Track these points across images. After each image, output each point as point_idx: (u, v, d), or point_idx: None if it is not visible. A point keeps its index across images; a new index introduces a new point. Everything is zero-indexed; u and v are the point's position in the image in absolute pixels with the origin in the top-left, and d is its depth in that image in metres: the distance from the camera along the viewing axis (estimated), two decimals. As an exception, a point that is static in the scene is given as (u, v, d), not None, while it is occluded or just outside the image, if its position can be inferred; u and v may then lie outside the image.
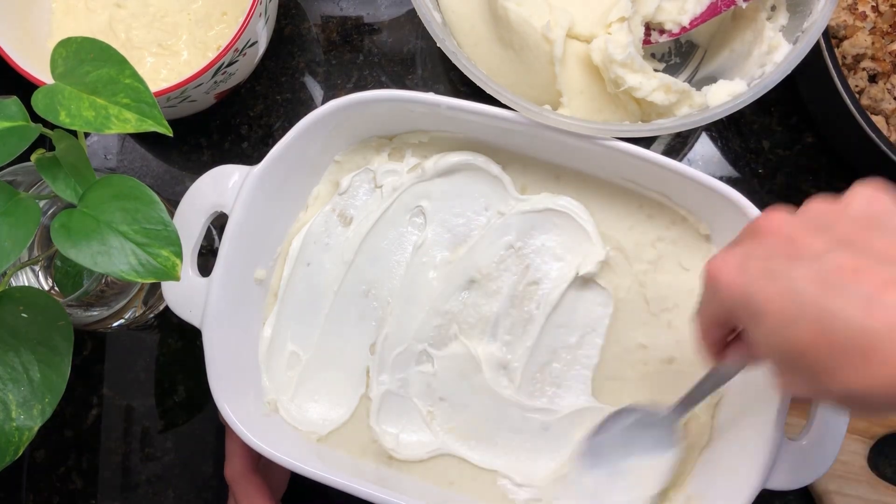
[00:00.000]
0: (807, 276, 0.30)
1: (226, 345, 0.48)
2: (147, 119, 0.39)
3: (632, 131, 0.47)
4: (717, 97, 0.51)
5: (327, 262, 0.53)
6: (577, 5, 0.52)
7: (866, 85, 0.56)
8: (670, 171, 0.47)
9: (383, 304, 0.52)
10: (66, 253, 0.37)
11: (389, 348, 0.52)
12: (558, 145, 0.50)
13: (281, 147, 0.49)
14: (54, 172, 0.40)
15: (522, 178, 0.53)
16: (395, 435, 0.51)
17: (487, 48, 0.54)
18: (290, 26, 0.64)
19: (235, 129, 0.63)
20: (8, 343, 0.40)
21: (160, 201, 0.40)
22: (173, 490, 0.59)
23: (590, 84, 0.52)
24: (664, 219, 0.52)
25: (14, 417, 0.39)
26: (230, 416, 0.46)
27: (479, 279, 0.52)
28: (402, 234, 0.53)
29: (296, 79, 0.63)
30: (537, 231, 0.52)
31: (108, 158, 0.63)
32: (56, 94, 0.39)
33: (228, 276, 0.48)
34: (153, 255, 0.39)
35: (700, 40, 0.59)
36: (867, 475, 0.54)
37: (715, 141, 0.61)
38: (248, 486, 0.48)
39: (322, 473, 0.46)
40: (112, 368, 0.60)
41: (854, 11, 0.57)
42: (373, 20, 0.64)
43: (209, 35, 0.58)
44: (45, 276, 0.53)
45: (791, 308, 0.30)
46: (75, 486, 0.59)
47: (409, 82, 0.63)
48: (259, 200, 0.49)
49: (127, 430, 0.59)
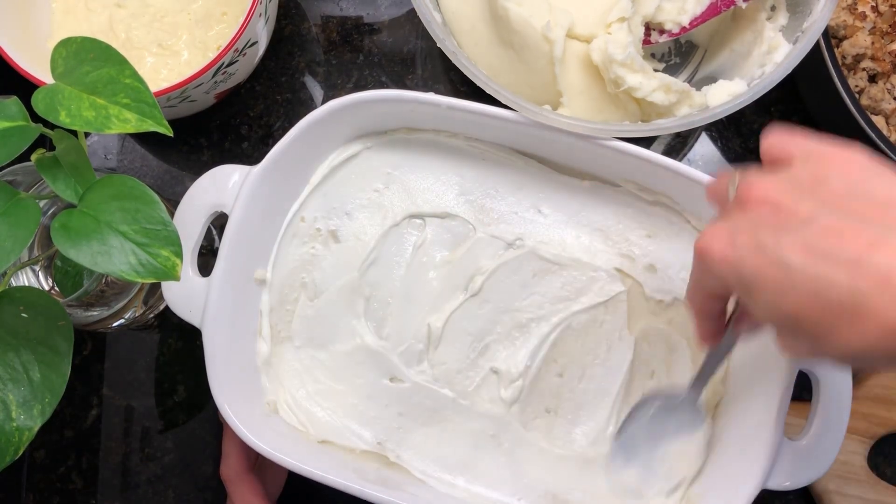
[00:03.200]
0: (794, 244, 0.30)
1: (226, 345, 0.48)
2: (147, 119, 0.39)
3: (632, 131, 0.47)
4: (717, 97, 0.51)
5: (328, 262, 0.53)
6: (577, 5, 0.52)
7: (866, 85, 0.56)
8: (670, 171, 0.47)
9: (384, 305, 0.52)
10: (66, 253, 0.37)
11: (390, 348, 0.52)
12: (558, 145, 0.50)
13: (281, 147, 0.49)
14: (54, 172, 0.40)
15: (521, 177, 0.53)
16: (397, 437, 0.51)
17: (487, 48, 0.54)
18: (290, 26, 0.64)
19: (235, 129, 0.63)
20: (8, 343, 0.40)
21: (160, 201, 0.40)
22: (173, 490, 0.59)
23: (590, 84, 0.52)
24: (664, 219, 0.52)
25: (14, 417, 0.39)
26: (230, 415, 0.46)
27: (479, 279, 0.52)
28: (401, 234, 0.53)
29: (296, 79, 0.63)
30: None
31: (108, 158, 0.63)
32: (56, 94, 0.39)
33: (228, 276, 0.48)
34: (153, 255, 0.39)
35: (700, 40, 0.59)
36: (867, 475, 0.54)
37: (715, 141, 0.61)
38: (242, 486, 0.48)
39: (322, 473, 0.45)
40: (112, 368, 0.60)
41: (854, 11, 0.57)
42: (373, 20, 0.64)
43: (209, 35, 0.58)
44: (45, 276, 0.53)
45: (782, 278, 0.31)
46: (75, 486, 0.59)
47: (409, 82, 0.63)
48: (259, 200, 0.49)
49: (127, 430, 0.59)
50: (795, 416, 0.53)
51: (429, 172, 0.53)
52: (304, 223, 0.53)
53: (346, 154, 0.53)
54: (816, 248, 0.30)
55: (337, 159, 0.53)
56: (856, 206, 0.31)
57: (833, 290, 0.29)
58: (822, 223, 0.30)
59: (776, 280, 0.31)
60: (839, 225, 0.30)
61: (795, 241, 0.30)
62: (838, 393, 0.46)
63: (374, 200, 0.53)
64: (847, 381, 0.46)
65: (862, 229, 0.30)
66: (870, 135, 0.50)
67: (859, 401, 0.54)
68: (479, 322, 0.52)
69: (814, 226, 0.30)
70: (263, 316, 0.52)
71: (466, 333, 0.52)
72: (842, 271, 0.29)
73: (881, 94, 0.55)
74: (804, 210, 0.31)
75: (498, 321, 0.52)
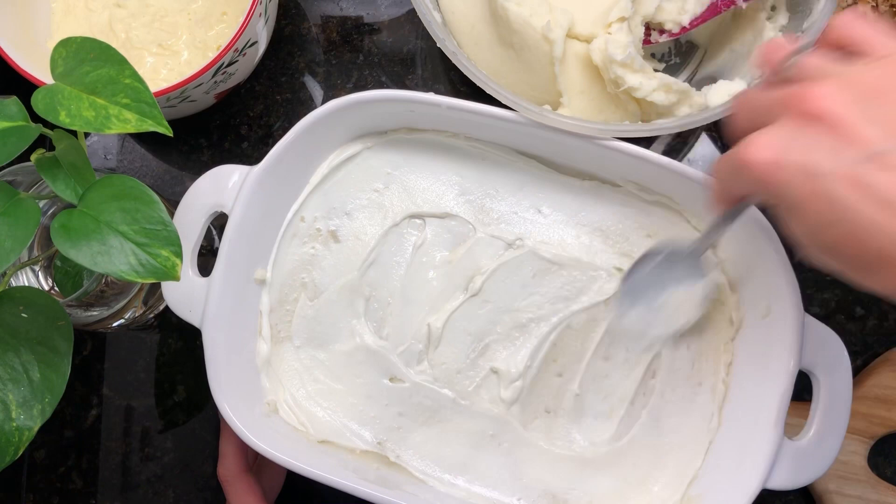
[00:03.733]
0: (849, 178, 0.28)
1: (226, 345, 0.48)
2: (147, 119, 0.39)
3: (632, 131, 0.47)
4: (717, 97, 0.51)
5: (328, 262, 0.53)
6: (577, 5, 0.52)
7: (866, 85, 0.56)
8: (670, 171, 0.47)
9: (384, 305, 0.52)
10: (66, 253, 0.37)
11: (389, 348, 0.52)
12: (558, 145, 0.50)
13: (281, 147, 0.49)
14: (54, 172, 0.40)
15: (521, 177, 0.53)
16: (396, 437, 0.51)
17: (487, 48, 0.54)
18: (290, 26, 0.64)
19: (235, 129, 0.63)
20: (8, 343, 0.40)
21: (160, 201, 0.40)
22: (173, 490, 0.59)
23: (590, 84, 0.52)
24: (664, 219, 0.52)
25: (14, 417, 0.39)
26: (230, 415, 0.46)
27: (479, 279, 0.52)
28: (401, 234, 0.53)
29: (296, 79, 0.63)
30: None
31: (108, 158, 0.63)
32: (56, 94, 0.39)
33: (228, 276, 0.48)
34: (153, 255, 0.39)
35: (700, 40, 0.59)
36: (867, 475, 0.54)
37: (715, 141, 0.61)
38: (239, 486, 0.48)
39: (322, 473, 0.45)
40: (112, 368, 0.60)
41: (854, 11, 0.57)
42: (373, 20, 0.64)
43: (209, 35, 0.58)
44: (45, 276, 0.53)
45: (827, 211, 0.29)
46: (75, 486, 0.59)
47: (409, 82, 0.63)
48: (259, 200, 0.49)
49: (127, 430, 0.59)
50: (795, 416, 0.53)
51: (429, 172, 0.53)
52: (303, 223, 0.53)
53: (346, 154, 0.53)
54: (874, 188, 0.28)
55: (337, 159, 0.53)
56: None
57: (877, 234, 0.28)
58: (888, 160, 0.27)
59: (821, 211, 0.29)
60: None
61: (850, 175, 0.28)
62: (838, 393, 0.46)
63: (374, 200, 0.53)
64: (847, 381, 0.46)
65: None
66: (870, 135, 0.50)
67: (859, 401, 0.54)
68: (478, 322, 0.52)
69: (876, 161, 0.28)
70: (263, 316, 0.52)
71: (466, 333, 0.52)
72: (888, 216, 0.27)
73: (881, 94, 0.55)
74: (869, 136, 0.28)
75: (498, 321, 0.52)
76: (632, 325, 0.50)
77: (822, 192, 0.29)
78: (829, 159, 0.29)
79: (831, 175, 0.28)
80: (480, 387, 0.51)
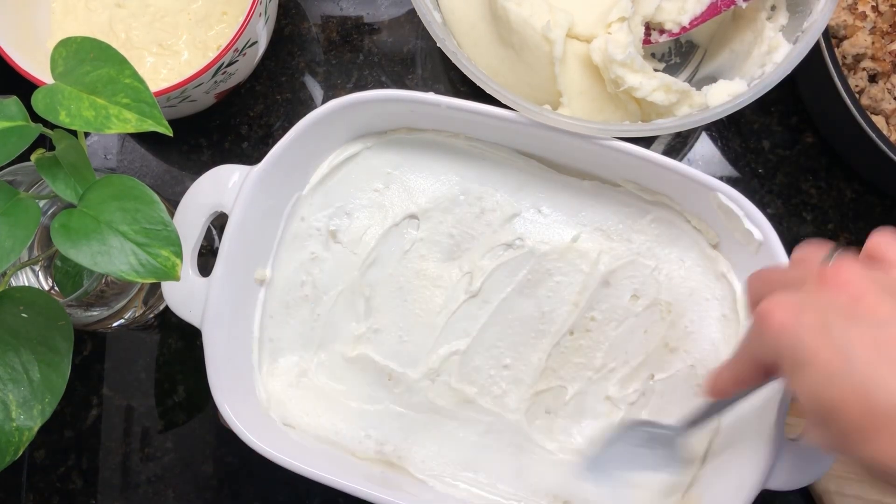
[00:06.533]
0: (863, 338, 0.30)
1: (226, 345, 0.48)
2: (147, 119, 0.39)
3: (632, 131, 0.47)
4: (717, 97, 0.51)
5: (328, 262, 0.53)
6: (577, 5, 0.52)
7: (866, 85, 0.56)
8: (670, 171, 0.47)
9: (384, 305, 0.52)
10: (66, 253, 0.37)
11: (390, 349, 0.52)
12: (558, 145, 0.50)
13: (281, 147, 0.49)
14: (54, 172, 0.40)
15: (521, 177, 0.53)
16: (397, 437, 0.51)
17: (487, 48, 0.54)
18: (290, 26, 0.64)
19: (235, 129, 0.63)
20: (8, 343, 0.40)
21: (160, 201, 0.40)
22: (173, 490, 0.59)
23: (590, 84, 0.52)
24: (664, 219, 0.52)
25: (14, 417, 0.39)
26: (230, 416, 0.46)
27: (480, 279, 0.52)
28: (401, 234, 0.53)
29: (296, 79, 0.63)
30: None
31: (108, 158, 0.63)
32: (56, 93, 0.39)
33: (228, 276, 0.48)
34: (153, 255, 0.39)
35: (700, 40, 0.59)
36: (867, 475, 0.54)
37: (715, 141, 0.61)
38: None
39: (322, 473, 0.46)
40: (112, 368, 0.60)
41: (854, 11, 0.57)
42: (373, 20, 0.64)
43: (209, 35, 0.58)
44: (45, 276, 0.53)
45: (837, 364, 0.30)
46: (75, 486, 0.59)
47: (409, 82, 0.63)
48: (259, 200, 0.49)
49: (127, 430, 0.59)
50: (795, 416, 0.53)
51: (429, 172, 0.53)
52: (304, 223, 0.53)
53: (346, 154, 0.53)
54: (886, 349, 0.29)
55: (337, 159, 0.53)
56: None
57: (886, 396, 0.28)
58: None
59: (830, 363, 0.30)
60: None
61: (865, 335, 0.30)
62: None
63: (374, 200, 0.53)
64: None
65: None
66: (870, 135, 0.50)
67: (859, 401, 0.54)
68: (478, 322, 0.52)
69: (890, 328, 0.29)
70: (263, 316, 0.52)
71: (466, 334, 0.52)
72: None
73: (881, 94, 0.55)
74: (885, 310, 0.30)
75: (497, 321, 0.52)
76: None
77: (836, 345, 0.30)
78: (845, 320, 0.30)
79: (848, 333, 0.30)
80: (480, 387, 0.51)
